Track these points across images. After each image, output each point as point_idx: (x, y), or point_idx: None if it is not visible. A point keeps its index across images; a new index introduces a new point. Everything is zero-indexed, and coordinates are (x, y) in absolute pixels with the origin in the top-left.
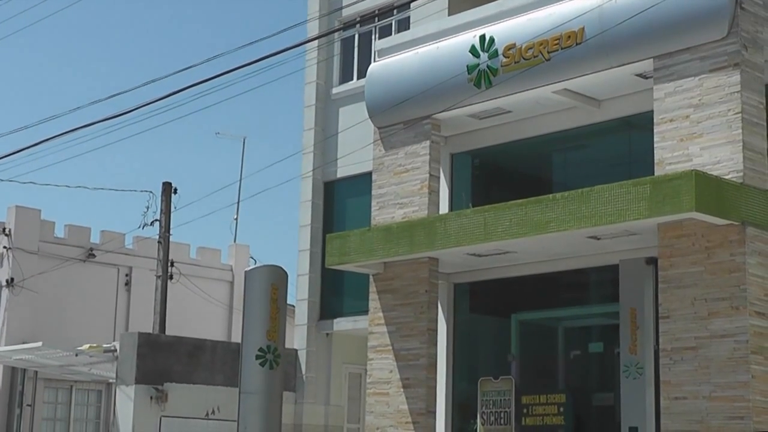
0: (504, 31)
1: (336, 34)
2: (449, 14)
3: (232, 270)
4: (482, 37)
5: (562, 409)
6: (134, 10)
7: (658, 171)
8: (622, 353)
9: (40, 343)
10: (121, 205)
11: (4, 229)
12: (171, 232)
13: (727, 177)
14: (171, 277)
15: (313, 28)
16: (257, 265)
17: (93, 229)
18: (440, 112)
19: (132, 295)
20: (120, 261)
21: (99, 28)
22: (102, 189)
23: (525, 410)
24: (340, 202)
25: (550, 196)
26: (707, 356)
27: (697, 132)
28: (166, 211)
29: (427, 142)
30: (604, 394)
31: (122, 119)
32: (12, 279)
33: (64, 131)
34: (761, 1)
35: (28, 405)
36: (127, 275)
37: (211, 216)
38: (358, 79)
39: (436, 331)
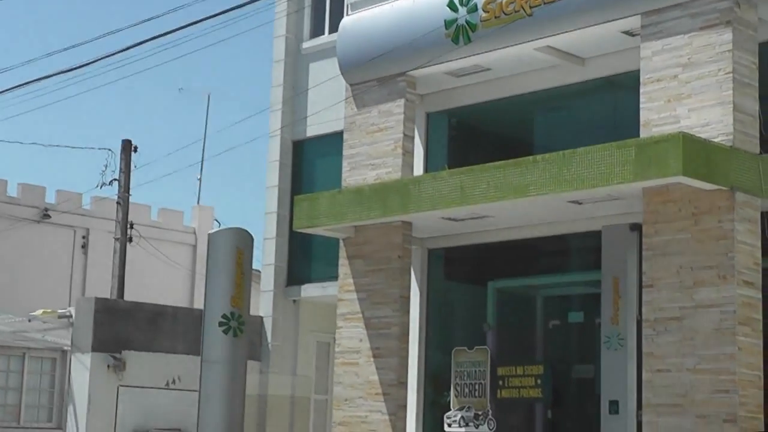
0: None
1: None
2: None
3: (195, 233)
4: None
5: (539, 382)
6: None
7: (644, 133)
8: (603, 324)
9: None
10: (78, 164)
11: None
12: (131, 192)
13: (716, 140)
14: (130, 240)
15: None
16: (221, 227)
17: (48, 188)
18: (416, 69)
19: (89, 258)
20: (76, 222)
21: None
22: (58, 146)
23: (501, 382)
24: (309, 162)
25: (531, 158)
26: (692, 327)
27: (685, 93)
28: (126, 170)
29: (402, 101)
30: (583, 366)
31: (79, 72)
32: None
33: (17, 84)
34: None
35: None
36: (83, 237)
37: (174, 176)
38: (329, 33)
39: (409, 298)
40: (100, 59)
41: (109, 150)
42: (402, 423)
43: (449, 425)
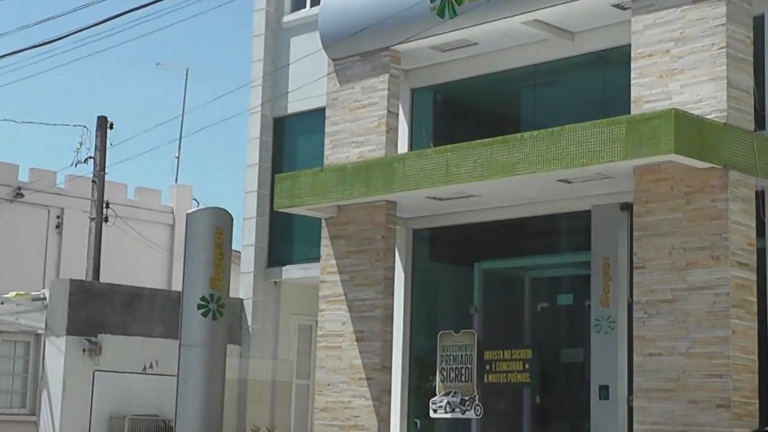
0: None
1: None
2: None
3: (173, 212)
4: None
5: (527, 366)
6: None
7: (635, 110)
8: (593, 306)
9: None
10: (52, 141)
11: None
12: (106, 170)
13: (709, 117)
14: (106, 220)
15: None
16: (200, 207)
17: (21, 166)
18: (400, 43)
19: (63, 238)
20: (50, 201)
21: None
22: (31, 123)
23: (488, 366)
24: (290, 139)
25: (518, 135)
26: (685, 310)
27: (677, 68)
28: (101, 147)
29: (386, 76)
30: (573, 349)
31: (54, 46)
32: None
33: None
34: None
35: None
36: (58, 217)
37: (151, 154)
38: (311, 6)
39: (393, 280)
40: (74, 32)
41: (84, 127)
42: (386, 408)
43: (435, 411)
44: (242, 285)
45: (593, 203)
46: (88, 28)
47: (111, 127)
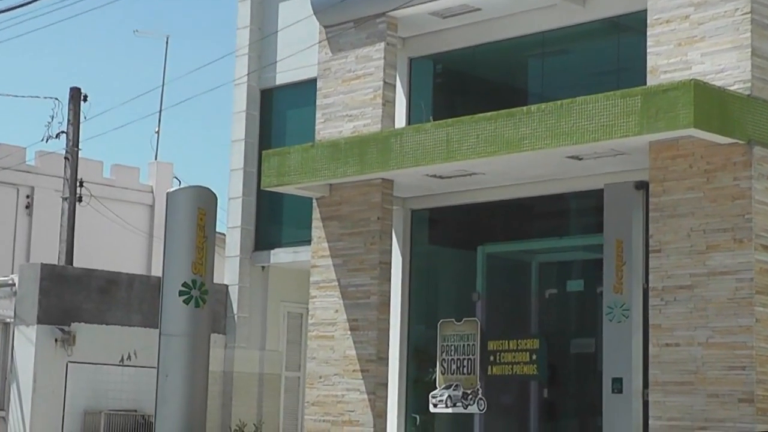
0: None
1: None
2: None
3: (152, 192)
4: None
5: (534, 357)
6: None
7: (651, 81)
8: (605, 293)
9: None
10: (21, 115)
11: None
12: (80, 146)
13: (731, 88)
14: (80, 200)
15: None
16: (182, 186)
17: None
18: (397, 8)
19: (34, 219)
20: (20, 180)
21: None
22: None
23: (492, 358)
24: (278, 113)
25: (525, 108)
26: (704, 296)
27: (697, 35)
28: (75, 121)
29: (382, 45)
30: (583, 339)
31: (23, 12)
32: None
33: None
34: None
35: None
36: (28, 197)
37: (128, 128)
38: None
39: (390, 264)
40: None
41: (56, 99)
42: (382, 403)
43: (435, 405)
44: (227, 270)
45: (606, 182)
46: None
47: (85, 99)
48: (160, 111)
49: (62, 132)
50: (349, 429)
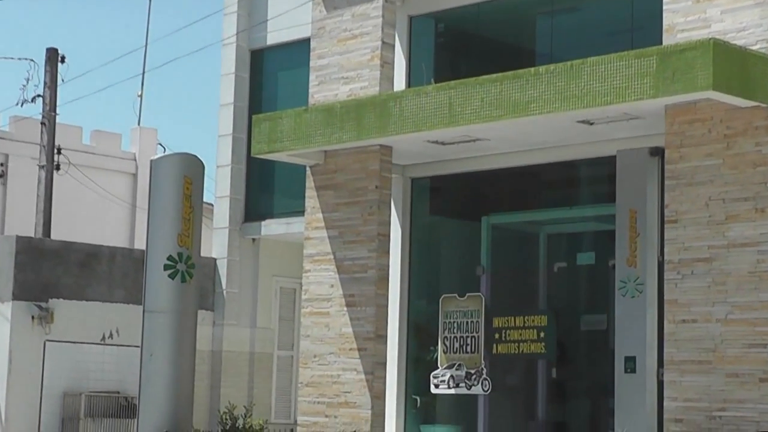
0: None
1: None
2: None
3: (135, 159)
4: None
5: (542, 335)
6: None
7: (668, 40)
8: (618, 266)
9: None
10: None
11: None
12: (58, 111)
13: (754, 47)
14: (58, 168)
15: None
16: (166, 153)
17: None
18: None
19: (8, 189)
20: None
21: None
22: None
23: (497, 335)
24: (270, 75)
25: (532, 70)
26: (724, 270)
27: None
28: (52, 84)
29: (380, 2)
30: (594, 316)
31: None
32: None
33: None
34: None
35: None
36: (1, 165)
37: (109, 92)
38: None
39: (389, 236)
40: None
41: (32, 60)
42: (381, 383)
43: (436, 386)
44: (215, 242)
45: (618, 148)
46: None
47: (63, 60)
48: (143, 73)
49: (38, 96)
50: (346, 411)
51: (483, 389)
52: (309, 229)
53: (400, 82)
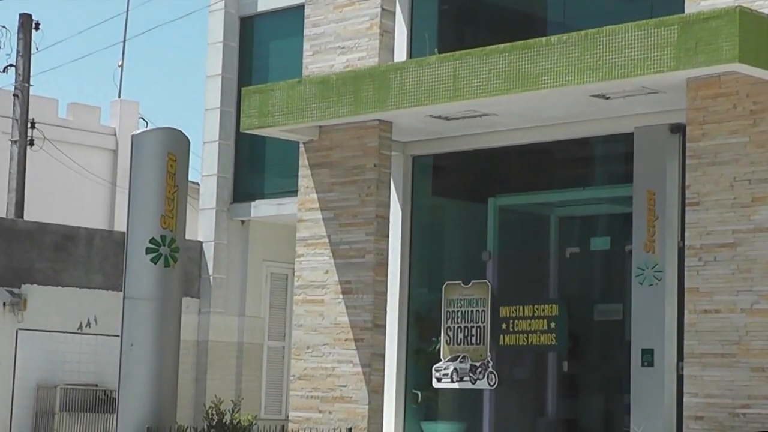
0: None
1: None
2: None
3: (115, 134)
4: None
5: (553, 325)
6: None
7: (690, 8)
8: (635, 251)
9: None
10: None
11: None
12: (31, 82)
13: None
14: (32, 143)
15: None
16: (149, 128)
17: None
18: None
19: None
20: None
21: None
22: None
23: (504, 325)
24: (261, 44)
25: (544, 40)
26: (749, 256)
27: None
28: (25, 53)
29: None
30: (609, 305)
31: None
32: None
33: None
34: None
35: None
36: None
37: (87, 61)
38: None
39: (388, 218)
40: None
41: (3, 27)
42: (379, 376)
43: (439, 380)
44: (201, 224)
45: (636, 124)
46: None
47: (37, 27)
48: (124, 42)
49: (10, 65)
50: (341, 406)
51: (489, 383)
52: (302, 210)
53: (401, 53)
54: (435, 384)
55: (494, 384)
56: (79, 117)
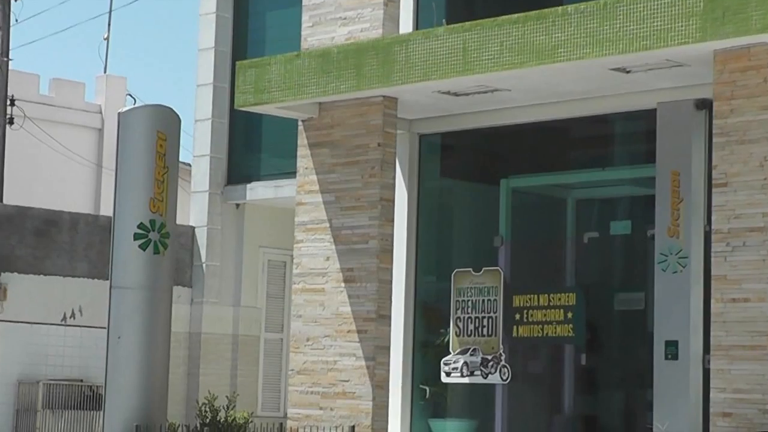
0: None
1: None
2: None
3: (101, 112)
4: None
5: (570, 315)
6: None
7: None
8: (657, 236)
9: None
10: None
11: None
12: (11, 56)
13: None
14: (11, 122)
15: None
16: (137, 105)
17: None
18: None
19: None
20: None
21: None
22: None
23: (518, 316)
24: (256, 15)
25: (560, 9)
26: None
27: None
28: (4, 24)
29: None
30: (630, 294)
31: None
32: None
33: None
34: None
35: None
36: None
37: (70, 34)
38: None
39: (393, 202)
40: None
41: None
42: (383, 370)
43: (448, 374)
44: (193, 208)
45: (659, 100)
46: None
47: None
48: (110, 12)
49: None
50: (343, 402)
51: (501, 378)
52: (301, 193)
53: (406, 24)
54: (444, 378)
55: (507, 378)
56: (62, 93)
